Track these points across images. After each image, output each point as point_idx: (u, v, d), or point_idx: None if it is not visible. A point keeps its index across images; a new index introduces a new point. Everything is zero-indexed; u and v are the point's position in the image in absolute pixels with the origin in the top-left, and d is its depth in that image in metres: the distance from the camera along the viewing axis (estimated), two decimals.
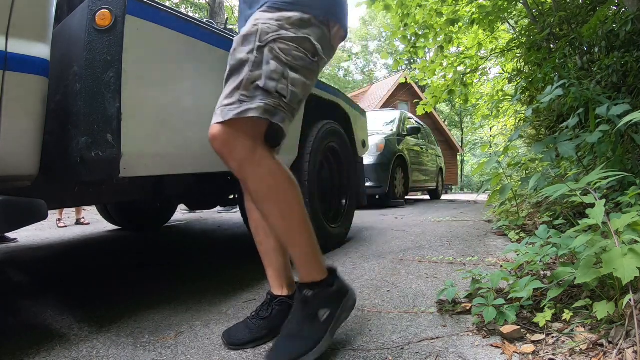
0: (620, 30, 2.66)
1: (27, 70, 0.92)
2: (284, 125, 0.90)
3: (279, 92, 0.86)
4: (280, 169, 0.90)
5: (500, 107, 6.48)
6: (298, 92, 0.90)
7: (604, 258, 0.90)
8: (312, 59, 0.92)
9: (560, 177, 2.46)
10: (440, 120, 19.00)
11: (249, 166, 0.86)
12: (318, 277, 0.93)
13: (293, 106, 0.91)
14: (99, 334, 1.10)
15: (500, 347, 0.95)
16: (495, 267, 1.65)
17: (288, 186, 0.90)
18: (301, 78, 0.90)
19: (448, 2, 5.14)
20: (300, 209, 0.92)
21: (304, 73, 0.91)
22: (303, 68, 0.90)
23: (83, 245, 2.71)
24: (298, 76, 0.89)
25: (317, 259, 0.94)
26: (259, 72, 0.85)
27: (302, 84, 0.91)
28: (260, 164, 0.87)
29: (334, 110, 2.47)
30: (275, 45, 0.87)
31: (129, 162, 1.07)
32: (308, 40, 0.90)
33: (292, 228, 0.91)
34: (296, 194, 0.92)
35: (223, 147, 0.86)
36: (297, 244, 0.92)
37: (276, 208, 0.90)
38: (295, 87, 0.89)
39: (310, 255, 0.93)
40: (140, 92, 1.13)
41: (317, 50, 0.93)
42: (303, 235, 0.92)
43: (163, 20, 1.20)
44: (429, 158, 7.09)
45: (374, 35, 28.61)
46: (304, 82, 0.92)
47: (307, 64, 0.91)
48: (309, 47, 0.91)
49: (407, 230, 2.94)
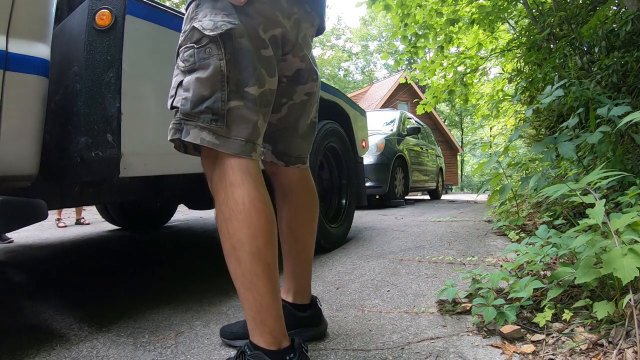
0: (620, 30, 2.66)
1: (27, 70, 0.92)
2: (193, 138, 0.77)
3: (175, 106, 0.80)
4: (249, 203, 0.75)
5: (500, 107, 6.48)
6: (190, 94, 0.77)
7: (604, 258, 0.90)
8: (199, 46, 0.78)
9: (560, 177, 2.46)
10: (440, 120, 19.00)
11: (212, 190, 0.81)
12: (262, 345, 0.75)
13: (193, 111, 0.77)
14: (99, 334, 1.10)
15: (500, 347, 0.95)
16: (495, 267, 1.65)
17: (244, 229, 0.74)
18: (194, 76, 0.78)
19: (448, 2, 5.14)
20: (251, 261, 0.74)
21: (197, 68, 0.78)
22: (195, 63, 0.78)
23: (83, 245, 2.71)
24: (190, 77, 0.78)
25: (266, 327, 0.75)
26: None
27: (195, 82, 0.78)
28: (225, 189, 0.77)
29: (334, 110, 2.47)
30: (178, 57, 0.82)
31: (129, 162, 1.07)
32: (193, 28, 0.79)
33: (237, 278, 0.77)
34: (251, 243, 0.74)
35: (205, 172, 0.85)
36: (242, 300, 0.77)
37: (225, 246, 0.78)
38: (187, 91, 0.78)
39: (257, 320, 0.76)
40: (140, 92, 1.13)
41: (202, 31, 0.78)
42: (249, 293, 0.75)
43: (163, 20, 1.20)
44: (429, 158, 7.09)
45: (374, 35, 28.61)
46: (197, 77, 0.78)
47: (197, 56, 0.78)
48: (195, 34, 0.79)
49: (407, 230, 2.94)
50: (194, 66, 0.78)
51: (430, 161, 7.19)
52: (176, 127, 0.79)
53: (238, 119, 0.79)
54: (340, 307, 1.29)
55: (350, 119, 2.62)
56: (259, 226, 0.76)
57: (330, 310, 1.26)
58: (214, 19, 0.78)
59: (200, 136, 0.77)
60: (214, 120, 0.77)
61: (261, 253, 0.75)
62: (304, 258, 1.04)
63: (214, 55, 0.78)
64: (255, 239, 0.75)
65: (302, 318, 1.01)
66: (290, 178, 1.02)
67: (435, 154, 7.69)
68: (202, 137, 0.77)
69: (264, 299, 0.75)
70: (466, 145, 25.48)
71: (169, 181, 1.94)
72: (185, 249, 2.53)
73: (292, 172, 1.02)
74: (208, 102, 0.77)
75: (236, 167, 0.78)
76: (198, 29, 0.78)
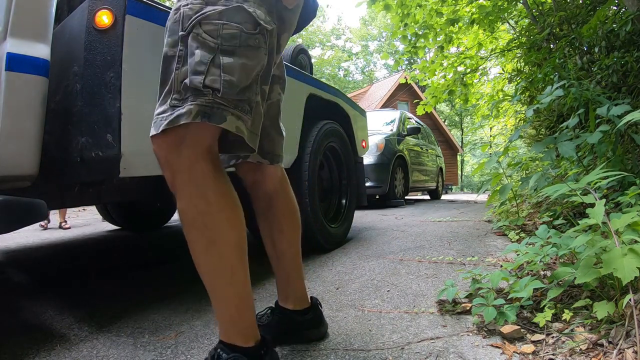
0: (620, 30, 2.66)
1: (27, 70, 0.92)
2: (230, 126, 0.72)
3: (209, 86, 0.70)
4: (224, 195, 0.74)
5: (500, 107, 6.48)
6: (235, 79, 0.72)
7: (604, 258, 0.90)
8: (250, 32, 0.74)
9: (560, 177, 2.46)
10: (440, 120, 18.99)
11: (180, 183, 0.72)
12: (239, 342, 0.74)
13: (234, 98, 0.72)
14: (99, 334, 1.10)
15: (500, 347, 0.95)
16: (495, 267, 1.65)
17: (224, 220, 0.73)
18: (238, 60, 0.72)
19: (448, 2, 5.14)
20: (232, 252, 0.73)
21: (241, 53, 0.73)
22: (240, 47, 0.73)
23: (83, 245, 2.71)
24: (233, 59, 0.72)
25: (244, 322, 0.75)
26: (185, 68, 0.72)
27: (241, 68, 0.73)
28: (197, 182, 0.71)
29: (334, 110, 2.47)
30: (201, 29, 0.72)
31: (129, 162, 1.07)
32: (241, 9, 0.73)
33: (216, 274, 0.74)
34: (232, 234, 0.74)
35: (163, 165, 0.74)
36: (220, 297, 0.75)
37: (201, 242, 0.73)
38: (230, 74, 0.71)
39: (235, 317, 0.75)
40: (141, 92, 1.12)
41: (257, 19, 0.74)
42: (229, 288, 0.74)
43: (163, 20, 1.20)
44: (429, 158, 7.09)
45: (374, 35, 28.61)
46: (243, 63, 0.73)
47: (244, 41, 0.73)
48: (244, 17, 0.73)
49: (407, 230, 2.94)
50: (236, 49, 0.72)
51: (430, 161, 7.19)
52: (204, 109, 0.70)
53: (258, 115, 0.79)
54: (340, 307, 1.29)
55: (350, 119, 2.62)
56: (239, 215, 0.76)
57: (330, 310, 1.26)
58: (262, 12, 0.76)
59: (236, 124, 0.73)
60: (248, 112, 0.75)
61: (241, 242, 0.76)
62: (296, 265, 1.03)
63: (262, 48, 0.76)
64: (237, 229, 0.75)
65: (304, 321, 1.01)
66: (274, 181, 1.00)
67: (435, 154, 7.69)
68: (238, 126, 0.73)
69: (244, 291, 0.76)
70: (466, 145, 25.49)
71: None
72: (185, 249, 2.52)
73: (274, 174, 1.00)
74: (248, 92, 0.74)
75: (217, 159, 0.76)
76: (252, 14, 0.74)
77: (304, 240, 2.03)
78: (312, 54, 23.88)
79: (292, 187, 1.07)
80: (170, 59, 0.74)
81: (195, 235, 0.73)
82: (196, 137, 0.72)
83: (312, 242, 2.05)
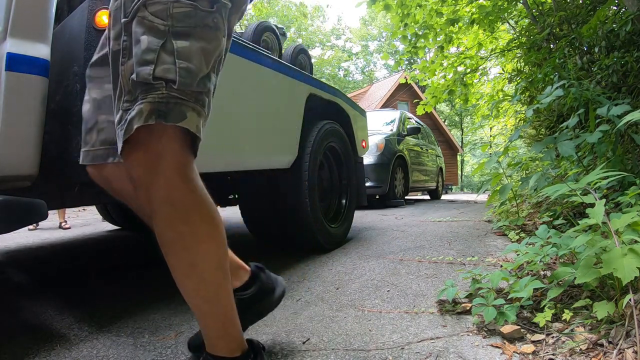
0: (620, 30, 2.66)
1: (27, 70, 0.92)
2: (190, 124, 0.59)
3: (161, 77, 0.57)
4: (203, 211, 0.65)
5: (500, 107, 6.48)
6: (194, 66, 0.60)
7: (604, 258, 0.90)
8: (206, 9, 0.62)
9: (560, 177, 2.46)
10: (440, 120, 19.00)
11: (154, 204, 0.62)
12: (226, 354, 0.71)
13: (194, 89, 0.60)
14: (99, 334, 1.10)
15: (500, 347, 0.95)
16: (495, 267, 1.65)
17: (204, 239, 0.65)
18: (195, 43, 0.60)
19: (448, 2, 5.14)
20: (215, 272, 0.67)
21: (198, 35, 0.61)
22: (196, 28, 0.61)
23: (83, 245, 2.71)
24: (189, 43, 0.60)
25: (229, 336, 0.72)
26: (131, 61, 0.59)
27: (200, 51, 0.61)
28: (173, 200, 0.61)
29: (334, 110, 2.47)
30: (146, 11, 0.59)
31: None
32: None
33: (200, 294, 0.69)
34: (214, 252, 0.67)
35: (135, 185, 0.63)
36: (205, 315, 0.71)
37: (181, 266, 0.66)
38: (187, 60, 0.59)
39: (221, 332, 0.71)
40: None
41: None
42: (214, 307, 0.70)
43: None
44: (429, 158, 7.09)
45: (374, 35, 28.62)
46: (202, 47, 0.61)
47: (200, 20, 0.61)
48: None
49: (407, 230, 2.93)
50: (192, 31, 0.60)
51: (430, 161, 7.20)
52: (158, 106, 0.56)
53: (210, 108, 0.66)
54: (340, 307, 1.29)
55: (350, 119, 2.62)
56: (220, 229, 0.68)
57: (330, 310, 1.26)
58: None
59: (196, 123, 0.60)
60: (206, 106, 0.62)
61: (223, 259, 0.69)
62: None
63: (220, 29, 0.64)
64: (219, 245, 0.68)
65: (250, 297, 0.89)
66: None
67: (435, 154, 7.69)
68: (198, 125, 0.60)
69: (227, 308, 0.71)
70: (466, 145, 25.49)
71: None
72: None
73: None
74: (207, 81, 0.62)
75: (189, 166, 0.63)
76: None
77: (304, 240, 2.05)
78: (312, 54, 23.86)
79: (292, 187, 1.06)
80: (116, 55, 0.61)
81: (176, 260, 0.66)
82: (160, 145, 0.59)
83: (312, 242, 2.05)
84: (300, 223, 1.96)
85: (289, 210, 1.97)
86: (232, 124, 1.50)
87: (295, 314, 1.24)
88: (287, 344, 1.01)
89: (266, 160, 1.76)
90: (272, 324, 1.16)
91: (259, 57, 1.68)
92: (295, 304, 1.34)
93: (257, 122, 1.67)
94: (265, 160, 1.76)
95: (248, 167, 1.65)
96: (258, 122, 1.67)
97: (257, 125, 1.67)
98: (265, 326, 1.14)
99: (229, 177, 2.11)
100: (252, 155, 1.65)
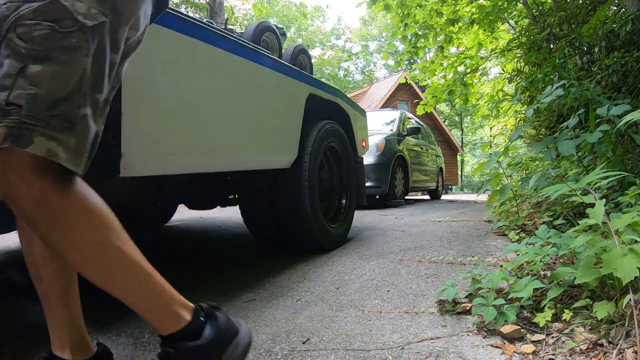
0: (620, 30, 2.66)
1: None
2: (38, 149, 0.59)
3: (13, 102, 0.58)
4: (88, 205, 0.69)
5: (500, 107, 6.48)
6: (43, 91, 0.59)
7: (604, 258, 0.90)
8: (65, 30, 0.61)
9: (560, 177, 2.46)
10: (440, 120, 19.01)
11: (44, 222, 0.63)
12: (174, 326, 0.73)
13: (44, 114, 0.59)
14: (99, 334, 1.10)
15: (500, 347, 0.95)
16: (495, 267, 1.65)
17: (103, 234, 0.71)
18: (49, 67, 0.60)
19: (448, 2, 5.14)
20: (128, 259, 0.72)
21: (54, 58, 0.61)
22: (53, 50, 0.60)
23: None
24: (43, 67, 0.60)
25: (169, 309, 0.74)
26: None
27: (50, 76, 0.60)
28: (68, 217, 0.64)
29: (334, 110, 2.47)
30: (14, 33, 0.59)
31: (129, 162, 1.07)
32: (55, 3, 0.60)
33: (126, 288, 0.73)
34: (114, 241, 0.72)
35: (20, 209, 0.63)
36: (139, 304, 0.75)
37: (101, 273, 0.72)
38: (37, 85, 0.59)
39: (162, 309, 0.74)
40: (141, 91, 1.12)
41: (74, 14, 0.61)
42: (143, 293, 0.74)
43: (163, 21, 1.20)
44: (429, 158, 7.09)
45: (374, 35, 28.62)
46: (55, 70, 0.61)
47: (57, 42, 0.61)
48: (59, 12, 0.60)
49: (407, 230, 2.94)
50: (48, 53, 0.60)
51: (430, 161, 7.20)
52: (9, 131, 0.58)
53: (84, 130, 0.65)
54: (340, 307, 1.29)
55: (350, 119, 2.62)
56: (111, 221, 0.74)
57: (330, 310, 1.26)
58: (84, 4, 0.63)
59: (47, 147, 0.60)
60: (67, 130, 0.62)
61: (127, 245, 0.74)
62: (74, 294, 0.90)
63: (81, 49, 0.63)
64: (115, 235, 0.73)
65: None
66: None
67: (435, 154, 7.69)
68: (50, 148, 0.60)
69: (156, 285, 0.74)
70: (466, 145, 25.49)
71: (169, 181, 1.94)
72: (185, 249, 2.53)
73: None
74: (64, 106, 0.62)
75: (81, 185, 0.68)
76: (68, 8, 0.61)
77: (304, 240, 2.05)
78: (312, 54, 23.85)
79: (292, 187, 1.06)
80: None
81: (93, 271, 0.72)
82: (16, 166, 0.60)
83: (312, 242, 2.05)
84: (300, 223, 1.96)
85: (289, 210, 1.97)
86: (232, 124, 1.50)
87: (295, 314, 1.24)
88: (287, 344, 1.01)
89: (266, 160, 1.76)
90: (272, 324, 1.16)
91: (259, 57, 1.68)
92: (295, 304, 1.34)
93: (257, 122, 1.67)
94: (265, 160, 1.76)
95: (248, 167, 1.65)
96: (258, 122, 1.67)
97: (257, 125, 1.67)
98: (265, 326, 1.14)
99: (229, 177, 2.11)
100: (252, 155, 1.65)
